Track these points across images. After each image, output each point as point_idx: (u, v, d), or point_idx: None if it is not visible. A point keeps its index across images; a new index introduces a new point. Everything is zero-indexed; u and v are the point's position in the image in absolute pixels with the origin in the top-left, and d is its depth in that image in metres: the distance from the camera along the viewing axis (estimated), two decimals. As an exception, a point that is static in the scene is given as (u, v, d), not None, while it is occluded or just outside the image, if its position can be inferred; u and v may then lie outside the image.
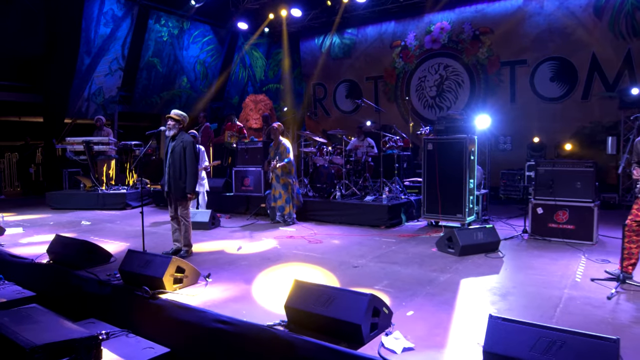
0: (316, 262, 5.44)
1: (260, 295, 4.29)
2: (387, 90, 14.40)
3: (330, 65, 15.63)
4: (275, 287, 4.52)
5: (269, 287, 4.54)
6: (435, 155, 7.49)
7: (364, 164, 8.93)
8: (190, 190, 5.66)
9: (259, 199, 9.12)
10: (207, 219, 7.71)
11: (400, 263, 5.34)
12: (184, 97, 16.83)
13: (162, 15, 14.87)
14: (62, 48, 12.66)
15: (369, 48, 14.72)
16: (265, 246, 6.38)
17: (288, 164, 7.86)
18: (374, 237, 6.90)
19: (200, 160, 8.61)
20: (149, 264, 4.47)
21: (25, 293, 5.50)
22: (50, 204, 10.84)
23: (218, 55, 17.17)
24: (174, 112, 5.77)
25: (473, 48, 12.81)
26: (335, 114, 15.53)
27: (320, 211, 8.42)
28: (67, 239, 5.51)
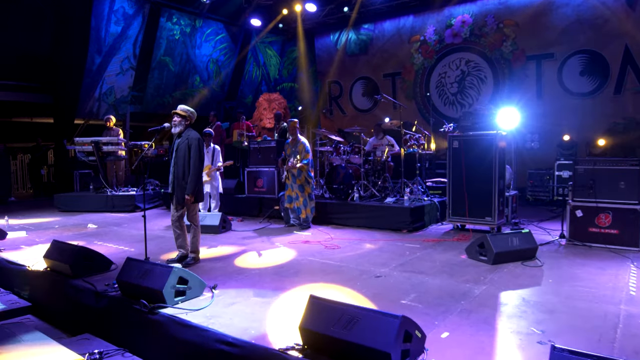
0: (334, 271, 4.93)
1: (272, 311, 3.80)
2: (405, 87, 13.83)
3: (346, 62, 15.11)
4: (288, 301, 4.03)
5: (282, 301, 4.05)
6: (461, 153, 6.94)
7: (384, 164, 8.40)
8: (190, 191, 5.15)
9: (272, 200, 8.66)
10: (217, 222, 7.27)
11: (428, 272, 4.81)
12: (196, 97, 16.48)
13: (174, 13, 14.53)
14: (71, 47, 12.39)
15: (386, 44, 14.17)
16: (279, 252, 5.89)
17: (308, 164, 7.39)
18: (396, 242, 6.37)
19: (215, 161, 8.20)
20: (148, 274, 4.02)
21: (20, 303, 5.13)
22: (59, 206, 10.54)
23: (231, 54, 16.80)
24: (180, 108, 5.33)
25: (496, 42, 12.18)
26: (351, 112, 15.01)
27: (338, 214, 7.91)
28: (64, 245, 5.09)
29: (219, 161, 8.37)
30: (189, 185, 5.13)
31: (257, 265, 5.25)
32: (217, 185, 8.39)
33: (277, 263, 5.34)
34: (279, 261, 5.42)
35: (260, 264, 5.30)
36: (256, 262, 5.40)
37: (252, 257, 5.68)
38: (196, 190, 5.21)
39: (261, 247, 6.19)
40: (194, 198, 5.23)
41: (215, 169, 8.29)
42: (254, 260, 5.52)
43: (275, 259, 5.52)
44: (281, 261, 5.42)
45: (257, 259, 5.55)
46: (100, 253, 5.09)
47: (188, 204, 5.21)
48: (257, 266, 5.22)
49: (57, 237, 7.24)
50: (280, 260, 5.45)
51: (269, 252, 5.90)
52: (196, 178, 5.18)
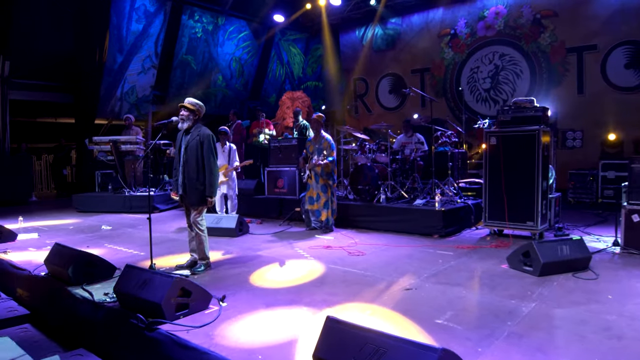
0: (357, 281, 4.39)
1: (284, 330, 3.29)
2: (434, 83, 13.16)
3: (373, 59, 14.53)
4: (304, 318, 3.52)
5: (296, 318, 3.54)
6: (499, 151, 6.30)
7: (412, 163, 7.81)
8: (211, 192, 4.75)
9: (293, 202, 8.17)
10: (233, 225, 6.82)
11: (465, 284, 4.22)
12: (219, 96, 16.18)
13: (196, 11, 14.25)
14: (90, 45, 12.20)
15: (414, 38, 13.53)
16: (297, 259, 5.38)
17: (332, 162, 6.87)
18: (426, 249, 5.78)
19: (232, 160, 7.77)
20: (147, 284, 3.57)
21: (19, 311, 4.75)
22: (77, 207, 10.33)
23: (254, 52, 16.44)
24: (187, 101, 4.89)
25: (533, 34, 11.39)
26: (377, 110, 14.41)
27: (362, 217, 7.36)
28: (65, 249, 4.71)
29: (235, 160, 7.92)
30: (208, 187, 4.70)
31: (273, 274, 4.75)
32: (234, 185, 7.96)
33: (294, 272, 4.83)
34: (297, 269, 4.91)
35: (276, 273, 4.81)
36: (272, 271, 4.90)
37: (267, 264, 5.18)
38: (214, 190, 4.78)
39: (278, 253, 5.69)
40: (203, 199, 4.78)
41: (232, 169, 7.85)
42: (269, 268, 5.03)
43: (292, 267, 5.01)
44: (299, 269, 4.91)
45: (272, 267, 5.05)
46: (103, 258, 4.69)
47: (210, 205, 4.79)
48: (273, 275, 4.72)
49: (69, 239, 6.97)
50: (298, 269, 4.94)
51: (287, 259, 5.39)
52: (215, 178, 4.75)
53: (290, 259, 5.35)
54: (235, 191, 7.98)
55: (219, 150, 7.86)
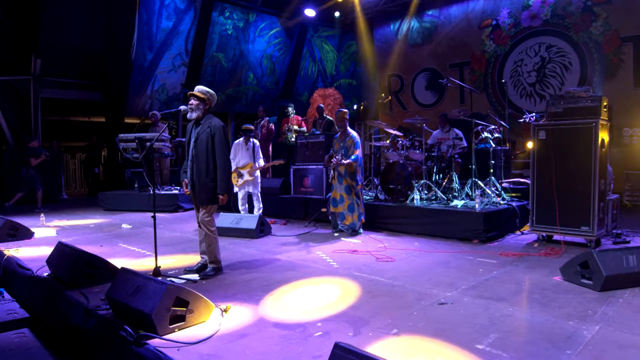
0: (383, 292, 3.82)
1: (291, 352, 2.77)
2: (474, 78, 12.35)
3: (408, 54, 13.85)
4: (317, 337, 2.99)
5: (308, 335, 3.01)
6: (549, 147, 5.59)
7: (450, 160, 7.15)
8: (223, 189, 4.30)
9: (319, 202, 7.66)
10: (254, 225, 6.36)
11: (511, 300, 3.58)
12: (250, 94, 15.87)
13: (227, 7, 13.98)
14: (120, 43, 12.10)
15: (453, 31, 12.77)
16: (318, 264, 4.86)
17: (355, 161, 6.30)
18: (465, 256, 5.14)
19: (256, 157, 7.34)
20: (139, 291, 3.13)
21: (19, 314, 4.40)
22: (103, 205, 10.19)
23: (286, 49, 16.04)
24: (197, 89, 4.46)
25: (584, 22, 10.46)
26: (413, 107, 13.71)
27: (394, 218, 6.76)
28: (66, 249, 4.37)
29: (259, 157, 7.50)
30: (220, 183, 4.25)
31: (287, 281, 4.23)
32: (258, 184, 7.54)
33: (311, 279, 4.30)
34: (315, 277, 4.38)
35: (291, 279, 4.29)
36: (287, 276, 4.39)
37: (284, 270, 4.68)
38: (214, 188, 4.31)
39: (298, 257, 5.18)
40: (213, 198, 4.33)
41: (258, 168, 7.40)
42: (285, 273, 4.52)
43: (310, 273, 4.49)
44: (318, 277, 4.38)
45: (288, 272, 4.54)
46: (104, 259, 4.31)
47: (223, 203, 4.34)
48: (287, 282, 4.21)
49: (85, 237, 6.72)
50: (317, 276, 4.41)
51: (306, 264, 4.88)
52: (228, 173, 4.30)
53: (309, 265, 4.83)
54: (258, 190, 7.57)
55: (243, 148, 7.48)
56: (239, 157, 7.50)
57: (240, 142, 7.55)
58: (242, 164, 7.45)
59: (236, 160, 7.52)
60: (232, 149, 7.65)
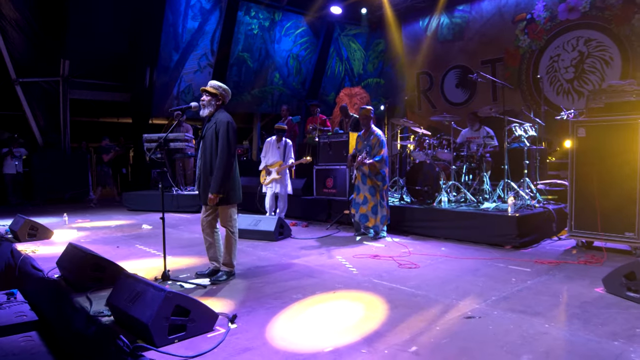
0: (404, 303, 3.50)
1: (299, 366, 2.51)
2: (507, 75, 11.80)
3: (438, 50, 13.39)
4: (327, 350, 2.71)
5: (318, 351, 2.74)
6: (589, 145, 5.15)
7: (480, 160, 6.75)
8: (214, 189, 3.98)
9: (342, 203, 7.37)
10: (272, 227, 6.13)
11: (547, 314, 3.20)
12: (276, 94, 15.74)
13: (252, 7, 13.87)
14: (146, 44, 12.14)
15: (485, 26, 12.25)
16: (335, 269, 4.57)
17: (379, 162, 5.98)
18: (496, 263, 4.75)
19: (287, 156, 7.14)
20: (138, 298, 2.93)
21: (28, 317, 4.30)
22: (127, 205, 10.20)
23: (312, 48, 15.84)
24: (210, 84, 4.25)
25: (626, 14, 9.80)
26: (442, 106, 13.22)
27: (420, 221, 6.41)
28: (75, 250, 4.23)
29: (290, 157, 7.31)
30: (214, 181, 4.00)
31: (301, 288, 3.96)
32: (286, 183, 7.33)
33: (329, 284, 4.02)
34: (333, 282, 4.10)
35: (306, 286, 4.01)
36: (302, 283, 4.12)
37: (299, 275, 4.42)
38: (225, 188, 4.06)
39: (316, 262, 4.91)
40: (225, 198, 4.11)
41: (286, 167, 7.22)
42: (300, 280, 4.25)
43: (326, 280, 4.21)
44: (335, 282, 4.09)
45: (304, 279, 4.28)
46: (112, 262, 4.14)
47: (211, 204, 4.09)
48: (301, 289, 3.94)
49: (104, 238, 6.64)
50: (333, 283, 4.12)
51: (324, 270, 4.60)
52: (224, 172, 3.99)
53: (326, 270, 4.55)
54: (288, 190, 7.36)
55: (274, 146, 7.30)
56: (269, 155, 7.37)
57: (272, 140, 7.40)
58: (272, 162, 7.30)
59: (266, 159, 7.38)
60: (263, 147, 7.52)
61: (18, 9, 10.45)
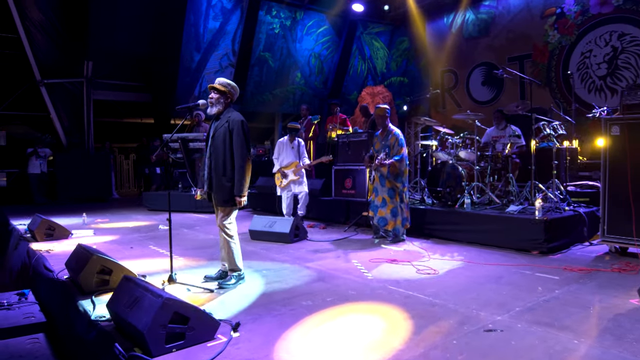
0: (420, 313, 3.28)
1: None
2: (536, 72, 11.35)
3: (463, 48, 13.01)
4: (334, 363, 2.52)
5: (324, 362, 2.55)
6: (624, 144, 4.81)
7: (506, 161, 6.43)
8: (239, 191, 3.90)
9: (361, 205, 7.15)
10: (287, 229, 5.96)
11: (576, 328, 2.93)
12: (297, 94, 15.61)
13: (274, 6, 13.77)
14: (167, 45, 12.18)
15: (512, 21, 11.83)
16: (350, 275, 4.37)
17: (399, 161, 5.75)
18: (522, 270, 4.46)
19: (301, 156, 6.97)
20: (137, 303, 2.80)
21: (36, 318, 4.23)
22: (147, 205, 10.21)
23: (335, 47, 15.64)
24: (218, 81, 4.11)
25: (664, 7, 9.30)
26: (467, 104, 12.83)
27: (441, 224, 6.14)
28: (83, 251, 4.16)
29: (304, 156, 7.14)
30: (237, 183, 3.87)
31: (312, 294, 3.78)
32: (305, 183, 7.17)
33: (340, 290, 3.82)
34: (344, 287, 3.90)
35: (317, 292, 3.83)
36: (313, 288, 3.94)
37: (312, 280, 4.23)
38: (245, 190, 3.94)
39: (330, 266, 4.71)
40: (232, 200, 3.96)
41: (303, 167, 7.04)
42: (312, 285, 4.07)
43: (339, 285, 4.01)
44: (347, 288, 3.89)
45: (316, 284, 4.09)
46: (119, 264, 4.04)
47: (240, 206, 3.97)
48: (311, 294, 3.75)
49: (119, 238, 6.60)
50: (345, 287, 3.92)
51: (337, 275, 4.40)
52: (244, 172, 3.89)
53: (340, 275, 4.35)
54: (306, 189, 7.18)
55: (287, 147, 7.14)
56: (283, 156, 7.17)
57: (285, 140, 7.22)
58: (287, 163, 7.11)
59: (280, 160, 7.20)
60: (276, 148, 7.34)
61: (42, 10, 10.61)
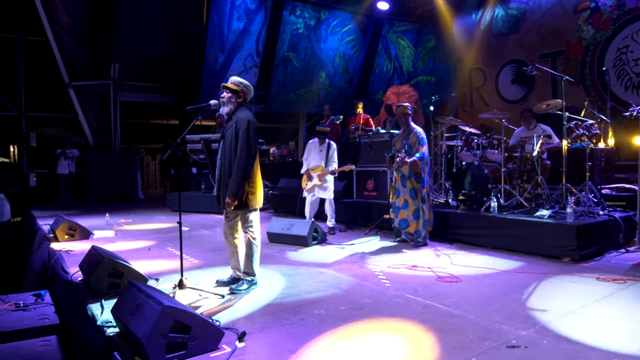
0: (439, 325, 3.07)
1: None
2: (569, 69, 10.86)
3: (492, 45, 12.60)
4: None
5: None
6: (665, 144, 4.45)
7: (536, 162, 6.11)
8: (232, 192, 3.73)
9: (383, 207, 6.92)
10: (305, 232, 5.81)
11: (610, 346, 2.67)
12: (322, 94, 15.46)
13: (298, 5, 13.66)
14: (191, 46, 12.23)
15: (543, 17, 11.36)
16: (366, 282, 4.18)
17: (420, 159, 5.53)
18: (551, 278, 4.18)
19: (330, 160, 6.70)
20: (138, 310, 2.70)
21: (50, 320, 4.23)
22: (170, 206, 10.25)
23: (360, 47, 15.43)
24: (230, 80, 4.01)
25: None
26: (496, 103, 12.40)
27: (466, 228, 5.88)
28: (95, 253, 4.11)
29: (334, 161, 6.74)
30: (231, 184, 3.75)
31: (325, 301, 3.62)
32: (330, 189, 6.78)
33: (353, 299, 3.65)
34: (358, 296, 3.72)
35: (330, 300, 3.66)
36: (327, 296, 3.77)
37: (326, 286, 4.06)
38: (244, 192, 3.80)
39: (347, 271, 4.54)
40: (244, 203, 3.84)
41: (328, 173, 6.66)
42: (326, 291, 3.90)
43: (353, 293, 3.83)
44: (361, 296, 3.71)
45: (330, 290, 3.92)
46: (131, 267, 3.97)
47: (228, 208, 3.84)
48: (323, 302, 3.59)
49: (138, 239, 6.59)
50: (360, 295, 3.74)
51: (353, 281, 4.22)
52: (242, 173, 3.73)
53: (356, 281, 4.17)
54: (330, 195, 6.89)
55: (316, 149, 6.85)
56: (310, 159, 6.90)
57: (315, 141, 6.93)
58: (313, 165, 6.83)
59: (307, 162, 6.94)
60: (305, 149, 7.08)
61: (70, 13, 10.80)
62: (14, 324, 4.06)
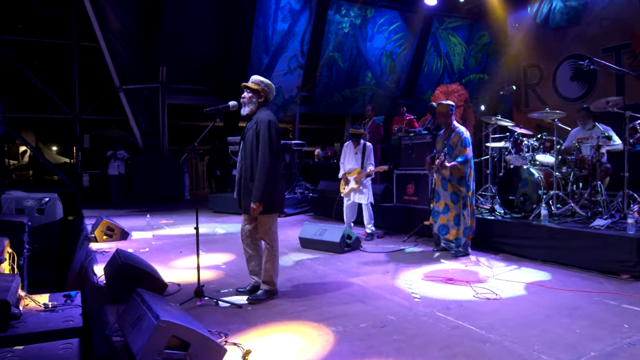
0: (465, 350, 2.73)
1: None
2: (635, 63, 9.93)
3: (549, 39, 11.77)
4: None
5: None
6: None
7: (594, 167, 5.52)
8: (257, 197, 3.55)
9: (424, 213, 6.54)
10: (338, 238, 5.55)
11: (673, 388, 2.24)
12: (368, 95, 15.15)
13: (343, 4, 13.43)
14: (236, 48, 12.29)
15: (606, 8, 10.46)
16: (395, 296, 3.86)
17: (463, 163, 5.14)
18: (606, 299, 3.69)
19: (366, 161, 6.45)
20: (138, 322, 2.57)
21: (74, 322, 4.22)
22: (212, 207, 10.32)
23: (408, 45, 14.97)
24: (251, 79, 3.84)
25: None
26: (554, 102, 11.55)
27: (513, 238, 5.40)
28: (117, 257, 4.06)
29: (371, 163, 6.51)
30: (256, 189, 3.57)
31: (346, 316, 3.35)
32: (369, 193, 6.52)
33: (377, 316, 3.35)
34: (384, 313, 3.42)
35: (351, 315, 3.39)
36: (348, 310, 3.50)
37: (350, 299, 3.80)
38: (269, 196, 3.61)
39: (376, 283, 4.24)
40: (265, 207, 3.65)
41: (364, 175, 6.44)
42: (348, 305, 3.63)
43: (378, 308, 3.53)
44: (387, 314, 3.41)
45: (353, 305, 3.65)
46: (151, 273, 3.89)
47: (254, 214, 3.67)
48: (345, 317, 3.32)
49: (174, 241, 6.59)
50: (386, 312, 3.44)
51: (380, 295, 3.92)
52: (266, 177, 3.56)
53: (383, 295, 3.87)
54: (371, 199, 6.59)
55: (351, 151, 6.61)
56: (346, 162, 6.67)
57: (350, 144, 6.69)
58: (349, 169, 6.58)
59: (344, 165, 6.70)
60: (342, 153, 6.88)
61: (119, 19, 11.14)
62: (40, 325, 4.07)
